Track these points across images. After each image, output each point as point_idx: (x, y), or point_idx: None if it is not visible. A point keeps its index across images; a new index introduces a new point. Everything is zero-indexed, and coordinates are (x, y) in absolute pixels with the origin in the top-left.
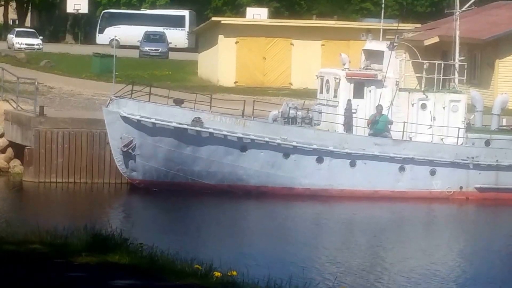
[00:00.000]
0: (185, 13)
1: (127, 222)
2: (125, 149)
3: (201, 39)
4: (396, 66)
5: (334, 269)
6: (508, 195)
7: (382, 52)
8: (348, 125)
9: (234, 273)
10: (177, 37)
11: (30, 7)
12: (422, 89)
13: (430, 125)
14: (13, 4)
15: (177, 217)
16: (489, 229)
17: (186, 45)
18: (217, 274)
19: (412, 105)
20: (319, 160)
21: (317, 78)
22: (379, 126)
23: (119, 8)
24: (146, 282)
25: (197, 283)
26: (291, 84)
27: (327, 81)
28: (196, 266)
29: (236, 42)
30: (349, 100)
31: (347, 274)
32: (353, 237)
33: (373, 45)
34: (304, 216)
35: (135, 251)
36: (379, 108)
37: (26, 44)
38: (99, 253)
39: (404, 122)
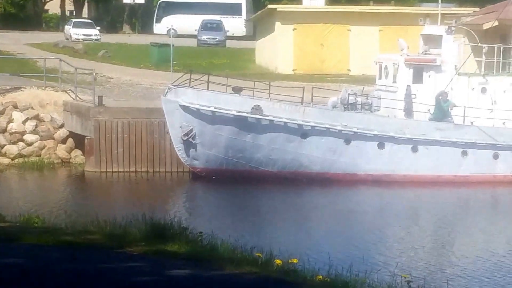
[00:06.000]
0: (242, 0)
1: (188, 211)
2: (186, 138)
3: (258, 27)
4: (455, 50)
5: (397, 256)
6: None
7: (441, 36)
8: (408, 111)
9: (295, 260)
10: (234, 25)
11: None
12: (482, 73)
13: (491, 109)
14: None
15: (239, 205)
16: None
17: (243, 33)
18: (278, 262)
19: (472, 89)
20: (381, 146)
21: (376, 64)
22: (443, 111)
23: None
24: (205, 272)
25: (256, 272)
26: (349, 70)
27: (386, 67)
28: (257, 254)
29: (294, 29)
30: (408, 86)
31: (410, 261)
32: (418, 223)
33: (431, 29)
34: (367, 201)
35: (195, 240)
36: (444, 94)
37: (83, 35)
38: (158, 243)
39: (465, 107)
